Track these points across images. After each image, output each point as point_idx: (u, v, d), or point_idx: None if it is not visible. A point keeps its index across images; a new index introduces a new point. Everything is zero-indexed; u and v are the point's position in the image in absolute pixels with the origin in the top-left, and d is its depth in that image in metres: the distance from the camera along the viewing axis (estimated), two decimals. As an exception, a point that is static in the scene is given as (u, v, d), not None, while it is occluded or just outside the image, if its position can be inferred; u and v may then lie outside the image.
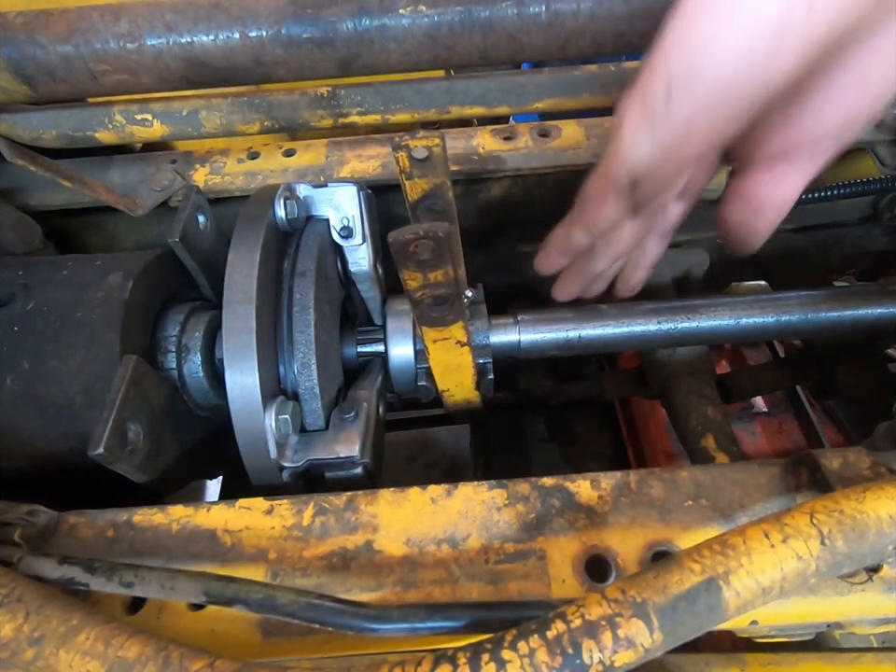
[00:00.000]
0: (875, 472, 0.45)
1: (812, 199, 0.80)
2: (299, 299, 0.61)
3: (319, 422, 0.61)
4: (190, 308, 0.68)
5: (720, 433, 0.73)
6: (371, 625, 0.38)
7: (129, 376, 0.54)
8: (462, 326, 0.55)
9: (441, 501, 0.49)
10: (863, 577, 0.43)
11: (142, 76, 0.60)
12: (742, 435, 1.09)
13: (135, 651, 0.34)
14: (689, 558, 0.34)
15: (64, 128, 0.70)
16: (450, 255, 0.44)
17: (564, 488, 0.49)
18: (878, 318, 0.70)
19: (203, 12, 0.58)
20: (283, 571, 0.46)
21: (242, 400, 0.54)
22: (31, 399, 0.57)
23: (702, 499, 0.48)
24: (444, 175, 0.48)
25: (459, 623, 0.39)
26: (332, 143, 0.84)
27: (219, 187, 0.79)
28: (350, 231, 0.69)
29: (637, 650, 0.31)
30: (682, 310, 0.71)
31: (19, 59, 0.58)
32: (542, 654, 0.31)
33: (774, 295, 0.71)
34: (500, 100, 0.71)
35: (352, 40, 0.58)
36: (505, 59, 0.61)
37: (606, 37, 0.59)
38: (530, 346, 0.71)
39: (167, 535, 0.48)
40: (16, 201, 0.76)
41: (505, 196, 0.87)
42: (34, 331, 0.58)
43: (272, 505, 0.50)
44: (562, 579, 0.45)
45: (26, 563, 0.42)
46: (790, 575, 0.33)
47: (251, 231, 0.60)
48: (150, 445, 0.56)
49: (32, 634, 0.35)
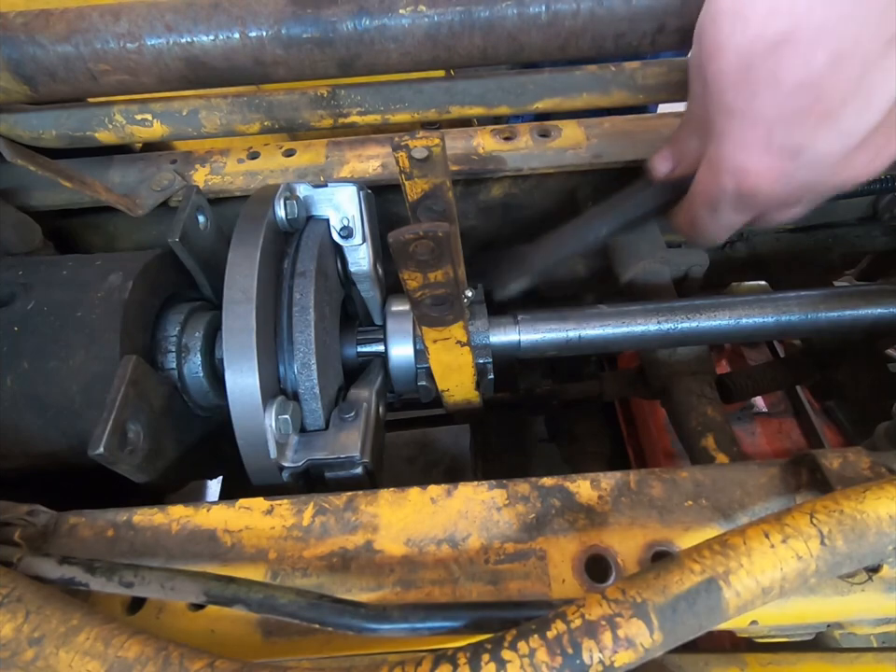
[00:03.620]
0: (875, 472, 0.45)
1: (812, 199, 0.80)
2: (299, 299, 0.61)
3: (319, 422, 0.61)
4: (190, 308, 0.68)
5: (720, 433, 0.73)
6: (371, 625, 0.38)
7: (129, 376, 0.54)
8: (462, 326, 0.55)
9: (441, 501, 0.49)
10: (863, 577, 0.43)
11: (142, 76, 0.60)
12: (742, 435, 1.09)
13: (135, 651, 0.34)
14: (689, 558, 0.34)
15: (64, 128, 0.70)
16: (450, 255, 0.44)
17: (564, 488, 0.49)
18: (878, 318, 0.70)
19: (203, 12, 0.58)
20: (283, 571, 0.46)
21: (242, 400, 0.54)
22: (31, 399, 0.57)
23: (702, 499, 0.48)
24: (444, 176, 0.48)
25: (459, 623, 0.39)
26: (332, 143, 0.84)
27: (219, 187, 0.79)
28: (350, 230, 0.69)
29: (637, 650, 0.31)
30: (682, 310, 0.71)
31: (19, 59, 0.58)
32: (542, 654, 0.31)
33: (774, 295, 0.71)
34: (500, 100, 0.71)
35: (352, 40, 0.58)
36: (505, 59, 0.61)
37: (606, 37, 0.58)
38: (530, 346, 0.71)
39: (167, 535, 0.48)
40: (16, 201, 0.76)
41: (505, 196, 0.87)
42: (34, 331, 0.58)
43: (272, 505, 0.50)
44: (562, 579, 0.45)
45: (26, 563, 0.42)
46: (790, 575, 0.33)
47: (251, 231, 0.60)
48: (150, 445, 0.56)
49: (32, 634, 0.35)
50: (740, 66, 0.41)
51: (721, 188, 0.49)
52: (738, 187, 0.47)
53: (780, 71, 0.39)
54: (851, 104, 0.39)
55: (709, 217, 0.53)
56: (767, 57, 0.39)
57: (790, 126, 0.41)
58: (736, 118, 0.44)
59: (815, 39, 0.37)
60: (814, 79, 0.38)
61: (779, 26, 0.37)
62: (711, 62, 0.43)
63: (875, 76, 0.37)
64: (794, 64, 0.38)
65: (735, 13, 0.40)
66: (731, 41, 0.40)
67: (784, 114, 0.41)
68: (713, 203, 0.51)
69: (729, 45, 0.41)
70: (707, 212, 0.53)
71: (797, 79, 0.39)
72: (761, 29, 0.38)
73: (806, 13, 0.36)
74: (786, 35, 0.37)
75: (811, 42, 0.37)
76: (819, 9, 0.35)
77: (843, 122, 0.40)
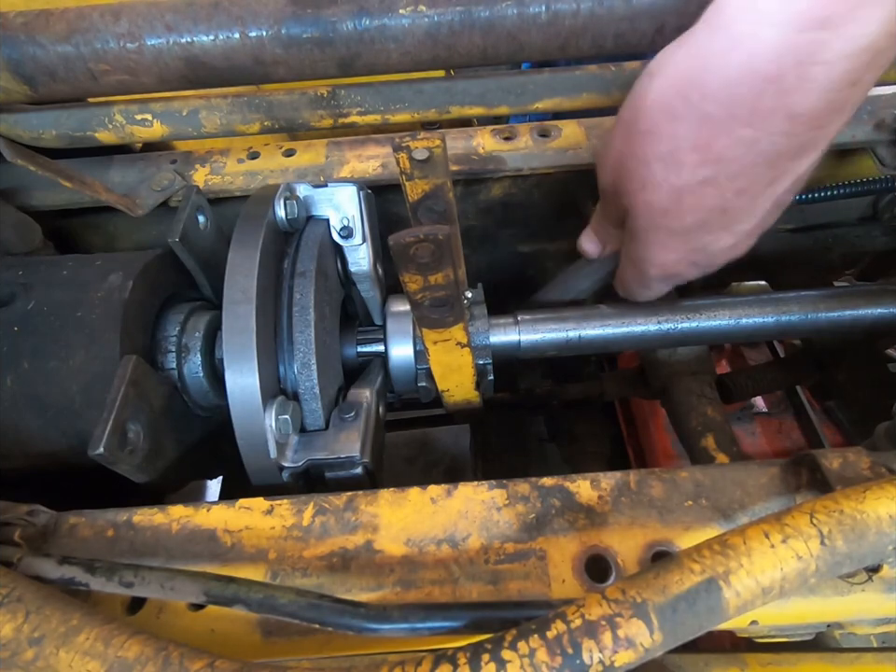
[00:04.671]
0: (875, 472, 0.45)
1: (812, 199, 0.80)
2: (299, 299, 0.61)
3: (319, 422, 0.61)
4: (190, 308, 0.68)
5: (720, 433, 0.73)
6: (371, 625, 0.38)
7: (129, 376, 0.54)
8: (462, 327, 0.55)
9: (441, 501, 0.49)
10: (863, 577, 0.43)
11: (142, 76, 0.60)
12: (742, 435, 1.09)
13: (135, 651, 0.34)
14: (689, 558, 0.34)
15: (64, 128, 0.70)
16: (450, 258, 0.44)
17: (564, 488, 0.49)
18: (878, 318, 0.70)
19: (203, 12, 0.58)
20: (283, 571, 0.46)
21: (242, 400, 0.54)
22: (31, 399, 0.57)
23: (702, 499, 0.48)
24: (445, 176, 0.48)
25: (459, 623, 0.39)
26: (332, 143, 0.84)
27: (219, 187, 0.79)
28: (350, 231, 0.69)
29: (637, 650, 0.31)
30: (682, 310, 0.71)
31: (19, 59, 0.58)
32: (542, 654, 0.31)
33: (774, 295, 0.71)
34: (500, 100, 0.71)
35: (352, 40, 0.58)
36: (505, 59, 0.61)
37: (606, 37, 0.58)
38: (530, 346, 0.71)
39: (167, 535, 0.48)
40: (16, 201, 0.76)
41: (505, 196, 0.87)
42: (34, 331, 0.58)
43: (272, 505, 0.50)
44: (562, 579, 0.45)
45: (26, 563, 0.42)
46: (790, 575, 0.33)
47: (251, 231, 0.60)
48: (150, 445, 0.56)
49: (32, 634, 0.35)
50: (671, 199, 0.53)
51: (649, 276, 0.63)
52: (663, 273, 0.62)
53: (703, 200, 0.52)
54: (745, 217, 0.54)
55: (641, 291, 0.67)
56: (693, 192, 0.51)
57: (702, 233, 0.56)
58: (661, 231, 0.57)
59: (729, 181, 0.50)
60: (725, 206, 0.52)
61: (706, 173, 0.50)
62: (642, 193, 0.54)
63: (760, 200, 0.52)
64: (713, 195, 0.51)
65: (671, 159, 0.50)
66: (665, 182, 0.52)
67: (700, 226, 0.55)
68: (643, 283, 0.65)
69: (663, 185, 0.52)
70: (639, 288, 0.67)
71: (714, 206, 0.52)
72: (691, 175, 0.50)
73: (726, 164, 0.48)
74: (708, 179, 0.50)
75: (726, 182, 0.50)
76: (734, 161, 0.48)
77: (737, 228, 0.55)
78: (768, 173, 0.50)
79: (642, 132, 0.52)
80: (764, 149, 0.47)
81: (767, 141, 0.47)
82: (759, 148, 0.47)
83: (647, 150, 0.52)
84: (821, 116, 0.45)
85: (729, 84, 0.45)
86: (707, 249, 0.57)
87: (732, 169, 0.49)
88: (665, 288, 0.66)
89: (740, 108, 0.46)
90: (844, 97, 0.44)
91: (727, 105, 0.46)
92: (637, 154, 0.53)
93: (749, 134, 0.47)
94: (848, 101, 0.45)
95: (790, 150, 0.48)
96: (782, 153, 0.48)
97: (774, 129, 0.46)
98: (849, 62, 0.42)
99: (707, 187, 0.51)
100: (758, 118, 0.46)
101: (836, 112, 0.46)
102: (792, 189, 0.53)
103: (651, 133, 0.51)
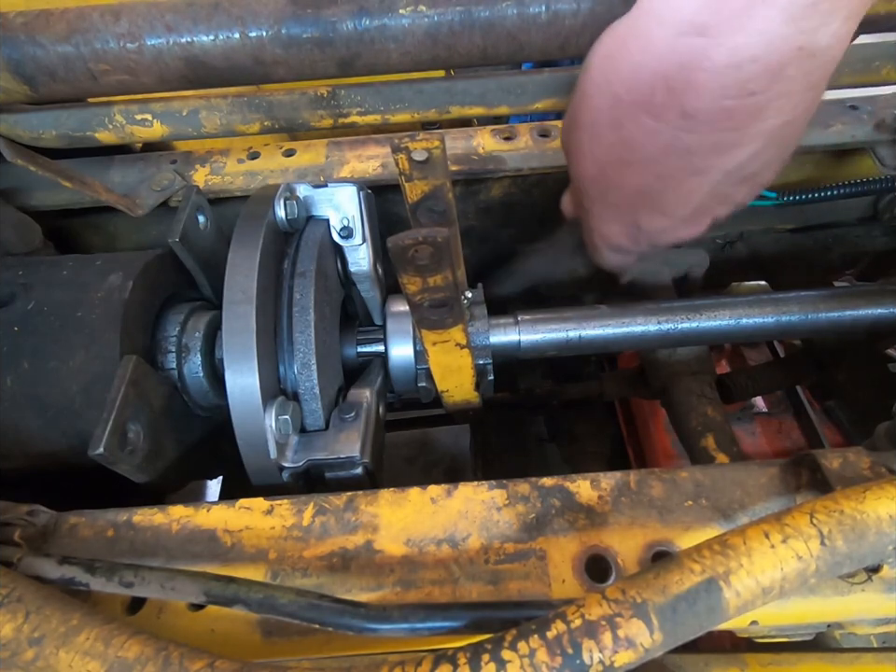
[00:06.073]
0: (875, 472, 0.45)
1: (812, 199, 0.80)
2: (299, 299, 0.61)
3: (319, 422, 0.61)
4: (190, 308, 0.68)
5: (720, 433, 0.73)
6: (371, 625, 0.38)
7: (129, 376, 0.54)
8: (461, 328, 0.55)
9: (441, 501, 0.49)
10: (863, 577, 0.43)
11: (142, 76, 0.60)
12: (742, 435, 1.09)
13: (135, 651, 0.34)
14: (689, 558, 0.34)
15: (64, 128, 0.70)
16: (449, 259, 0.44)
17: (564, 488, 0.49)
18: (878, 318, 0.70)
19: (203, 12, 0.58)
20: (283, 571, 0.46)
21: (242, 401, 0.54)
22: (31, 399, 0.57)
23: (702, 499, 0.48)
24: (444, 177, 0.48)
25: (459, 623, 0.39)
26: (332, 143, 0.84)
27: (219, 187, 0.79)
28: (350, 231, 0.68)
29: (637, 650, 0.31)
30: (682, 310, 0.71)
31: (19, 59, 0.58)
32: (542, 654, 0.31)
33: (774, 295, 0.71)
34: (500, 100, 0.71)
35: (352, 40, 0.58)
36: (505, 59, 0.61)
37: (606, 37, 0.58)
38: (530, 346, 0.71)
39: (167, 535, 0.48)
40: (16, 201, 0.76)
41: (505, 196, 0.87)
42: (34, 331, 0.58)
43: (272, 505, 0.50)
44: (562, 579, 0.45)
45: (26, 563, 0.42)
46: (790, 575, 0.33)
47: (251, 232, 0.60)
48: (150, 445, 0.56)
49: (32, 634, 0.35)
50: (596, 169, 0.55)
51: (595, 244, 0.67)
52: (606, 243, 0.65)
53: (624, 178, 0.54)
54: (675, 203, 0.54)
55: (597, 257, 0.70)
56: (613, 167, 0.53)
57: (632, 211, 0.57)
58: (596, 202, 0.60)
59: (645, 164, 0.51)
60: (646, 187, 0.53)
61: (620, 152, 0.51)
62: (573, 158, 0.58)
63: (687, 188, 0.52)
64: (633, 174, 0.53)
65: (592, 131, 0.53)
66: (590, 153, 0.54)
67: (629, 203, 0.57)
68: (594, 250, 0.69)
69: (588, 155, 0.55)
70: (594, 253, 0.70)
71: (636, 184, 0.54)
72: (608, 151, 0.52)
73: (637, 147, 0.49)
74: (624, 159, 0.52)
75: (642, 164, 0.51)
76: (643, 146, 0.49)
77: (670, 211, 0.56)
78: (686, 163, 0.49)
79: (577, 99, 0.54)
80: (669, 141, 0.47)
81: (670, 134, 0.47)
82: (663, 139, 0.47)
83: (578, 117, 0.54)
84: (725, 119, 0.44)
85: (634, 71, 0.46)
86: (642, 228, 0.58)
87: (644, 153, 0.50)
88: (619, 258, 0.67)
89: (641, 96, 0.46)
90: (752, 103, 0.43)
91: (632, 90, 0.47)
92: (574, 119, 0.55)
93: (650, 124, 0.47)
94: (767, 107, 0.43)
95: (702, 146, 0.47)
96: (693, 148, 0.47)
97: (672, 124, 0.46)
98: (738, 71, 0.41)
99: (624, 166, 0.52)
100: (655, 110, 0.46)
101: (752, 116, 0.44)
102: (738, 184, 0.52)
103: (581, 103, 0.53)
